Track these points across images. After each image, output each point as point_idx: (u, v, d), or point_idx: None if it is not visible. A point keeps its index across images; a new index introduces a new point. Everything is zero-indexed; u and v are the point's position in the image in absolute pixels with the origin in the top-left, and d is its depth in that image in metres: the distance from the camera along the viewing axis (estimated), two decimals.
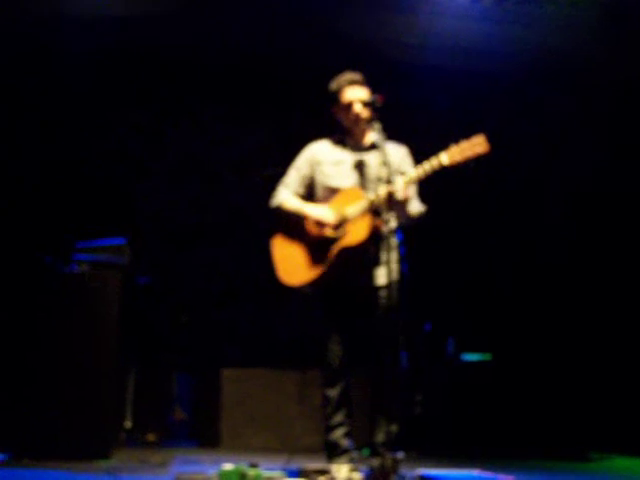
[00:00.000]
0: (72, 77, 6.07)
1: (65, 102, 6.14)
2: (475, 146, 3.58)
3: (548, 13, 5.83)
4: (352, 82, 3.86)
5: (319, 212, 3.83)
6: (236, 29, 6.08)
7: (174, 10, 5.86)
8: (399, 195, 3.57)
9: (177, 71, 6.35)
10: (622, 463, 5.48)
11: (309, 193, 3.98)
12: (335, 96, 3.89)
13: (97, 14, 5.75)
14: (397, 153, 3.89)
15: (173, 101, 6.43)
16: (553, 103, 6.43)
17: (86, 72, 6.08)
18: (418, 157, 3.81)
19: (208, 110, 6.52)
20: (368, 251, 3.76)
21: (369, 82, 3.88)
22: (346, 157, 3.90)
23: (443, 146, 3.62)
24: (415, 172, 3.62)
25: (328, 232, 3.76)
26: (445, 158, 3.59)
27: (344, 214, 3.75)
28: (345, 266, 3.75)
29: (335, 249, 3.74)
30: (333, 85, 3.91)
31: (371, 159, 3.86)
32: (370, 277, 3.79)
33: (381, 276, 3.77)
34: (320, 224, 3.79)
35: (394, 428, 3.62)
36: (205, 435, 5.52)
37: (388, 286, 3.52)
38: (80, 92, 6.13)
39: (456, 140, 3.60)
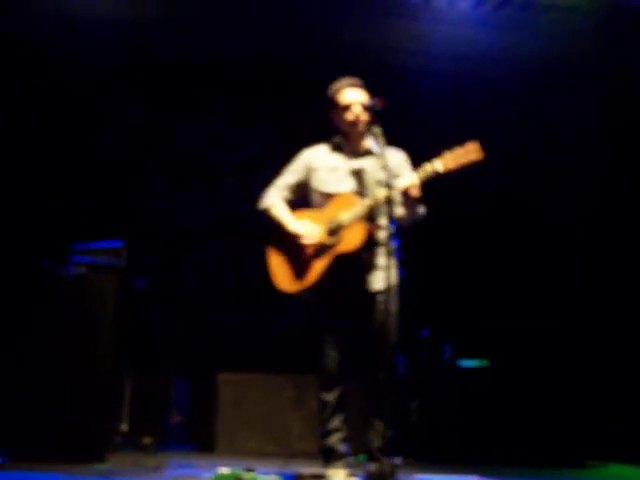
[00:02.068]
0: (72, 78, 6.08)
1: (64, 103, 6.13)
2: (469, 153, 3.57)
3: (547, 20, 5.84)
4: (351, 85, 3.86)
5: (300, 228, 3.81)
6: (237, 33, 6.09)
7: (175, 13, 5.87)
8: (414, 192, 3.57)
9: (176, 74, 6.34)
10: (618, 470, 5.49)
11: (302, 198, 3.97)
12: (334, 99, 3.89)
13: (99, 16, 5.76)
14: (395, 158, 3.88)
15: (172, 104, 6.42)
16: (553, 109, 6.43)
17: (85, 73, 6.09)
18: (416, 163, 3.80)
19: (207, 113, 6.51)
20: (364, 257, 3.75)
21: (368, 87, 3.88)
22: (342, 163, 3.89)
23: (440, 152, 3.62)
24: (412, 178, 3.61)
25: (322, 239, 3.75)
26: (439, 165, 3.58)
27: (339, 220, 3.74)
28: (340, 272, 3.73)
29: (330, 255, 3.73)
30: (332, 88, 3.91)
31: (368, 164, 3.84)
32: (366, 282, 3.78)
33: (379, 281, 3.76)
34: (300, 239, 3.78)
35: (391, 433, 3.61)
36: (201, 439, 5.50)
37: (386, 291, 3.51)
38: (79, 94, 6.13)
39: (450, 146, 3.60)
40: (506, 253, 6.49)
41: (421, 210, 3.80)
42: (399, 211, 3.70)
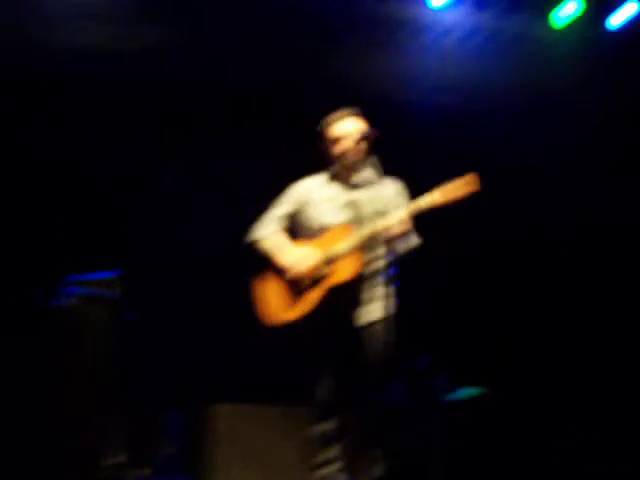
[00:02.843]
0: (66, 107, 6.08)
1: (50, 134, 6.12)
2: (466, 185, 3.60)
3: (538, 52, 5.94)
4: (349, 115, 3.88)
5: (290, 261, 3.80)
6: (224, 66, 6.13)
7: (158, 45, 5.90)
8: (394, 231, 3.58)
9: (174, 103, 6.35)
10: None
11: (292, 231, 3.96)
12: (328, 130, 3.90)
13: (98, 47, 5.78)
14: (393, 188, 3.90)
15: (164, 134, 6.43)
16: (545, 140, 6.50)
17: (80, 102, 6.09)
18: (411, 195, 3.82)
19: (195, 146, 6.52)
20: (358, 289, 3.75)
21: (362, 118, 3.91)
22: (338, 194, 3.89)
23: (435, 184, 3.64)
24: (407, 210, 3.62)
25: (316, 270, 3.74)
26: (436, 197, 3.60)
27: (336, 250, 3.73)
28: (334, 303, 3.72)
29: (324, 286, 3.72)
30: (326, 120, 3.93)
31: (364, 195, 3.85)
32: (360, 313, 3.77)
33: (375, 311, 3.76)
34: (289, 273, 3.77)
35: (383, 466, 3.61)
36: (196, 471, 5.44)
37: (381, 321, 3.52)
38: (72, 125, 6.13)
39: (448, 178, 3.63)
40: (503, 279, 6.51)
41: (414, 241, 3.80)
42: (392, 242, 3.71)
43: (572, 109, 6.44)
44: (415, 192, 3.75)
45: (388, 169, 3.81)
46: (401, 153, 6.22)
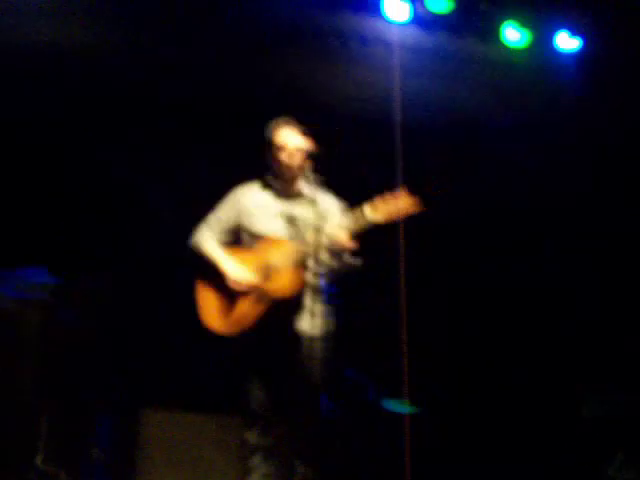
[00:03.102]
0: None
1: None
2: (402, 203, 3.58)
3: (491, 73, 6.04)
4: (288, 126, 3.88)
5: (230, 268, 3.78)
6: (172, 64, 6.07)
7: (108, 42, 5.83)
8: (346, 245, 3.57)
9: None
10: None
11: (233, 237, 3.95)
12: (270, 137, 3.90)
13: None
14: (327, 202, 3.90)
15: (108, 135, 6.34)
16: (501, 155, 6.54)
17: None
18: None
19: (143, 144, 6.45)
20: (295, 301, 3.74)
21: (305, 129, 3.91)
22: (272, 203, 3.89)
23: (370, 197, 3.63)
24: (348, 225, 3.60)
25: (252, 281, 3.72)
26: (370, 212, 3.58)
27: (271, 264, 3.72)
28: (268, 315, 3.71)
29: (259, 298, 3.70)
30: (269, 126, 3.92)
31: (299, 207, 3.85)
32: (295, 326, 3.77)
33: (305, 322, 3.75)
34: (231, 282, 3.76)
35: (314, 477, 3.60)
36: (121, 477, 5.37)
37: (314, 335, 3.52)
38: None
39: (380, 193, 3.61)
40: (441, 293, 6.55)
41: (356, 261, 3.78)
42: (327, 259, 3.70)
43: (533, 125, 6.52)
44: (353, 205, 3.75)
45: (329, 180, 3.81)
46: (343, 165, 6.29)
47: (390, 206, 3.59)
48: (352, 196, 3.83)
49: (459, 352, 6.38)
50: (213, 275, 3.85)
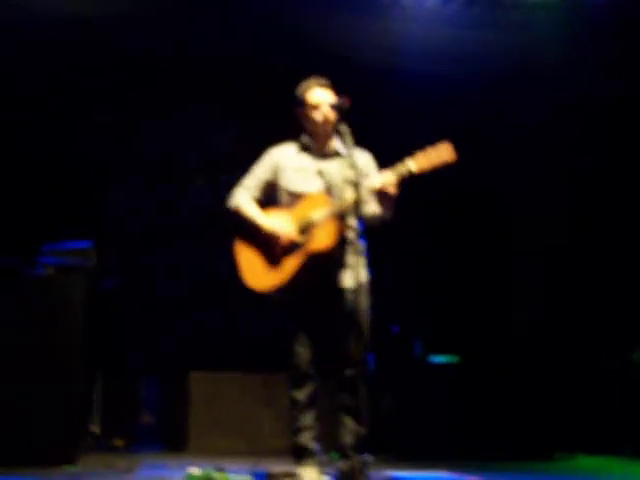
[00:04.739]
0: (40, 77, 6.00)
1: (32, 103, 6.06)
2: (442, 154, 3.58)
3: (515, 17, 5.88)
4: (319, 85, 3.86)
5: (273, 225, 3.80)
6: (206, 32, 6.05)
7: (141, 11, 5.82)
8: (391, 190, 3.58)
9: (146, 73, 6.30)
10: (587, 462, 5.57)
11: (269, 198, 3.96)
12: (302, 98, 3.88)
13: (68, 14, 5.68)
14: (362, 159, 3.88)
15: (141, 103, 6.37)
16: (524, 107, 6.47)
17: (54, 72, 6.02)
18: (384, 164, 3.79)
19: (177, 112, 6.48)
20: (335, 255, 3.76)
21: (337, 86, 3.88)
22: (310, 163, 3.88)
23: (411, 152, 3.62)
24: (390, 175, 3.60)
25: (294, 237, 3.75)
26: (412, 165, 3.59)
27: (310, 219, 3.74)
28: (312, 270, 3.74)
29: (302, 254, 3.73)
30: (300, 87, 3.90)
31: (335, 165, 3.84)
32: (336, 280, 3.79)
33: (348, 279, 3.77)
34: (274, 237, 3.78)
35: (362, 430, 3.63)
36: (172, 439, 5.49)
37: (355, 289, 3.52)
38: (47, 92, 6.06)
39: (423, 146, 3.60)
40: (475, 251, 6.54)
41: (390, 211, 3.80)
42: (370, 210, 3.70)
43: (555, 76, 6.40)
44: (393, 159, 3.72)
45: (364, 137, 3.79)
46: (383, 120, 6.25)
47: (432, 159, 3.58)
48: (392, 150, 3.80)
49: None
50: (253, 235, 3.86)
